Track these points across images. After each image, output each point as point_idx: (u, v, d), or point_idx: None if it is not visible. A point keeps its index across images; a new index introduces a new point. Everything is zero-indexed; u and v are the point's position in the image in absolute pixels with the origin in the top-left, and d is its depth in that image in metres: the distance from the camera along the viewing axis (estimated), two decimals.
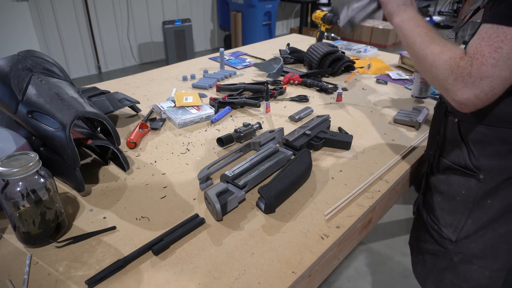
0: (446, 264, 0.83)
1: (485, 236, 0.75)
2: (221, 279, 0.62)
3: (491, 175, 0.71)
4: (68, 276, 0.63)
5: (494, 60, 0.57)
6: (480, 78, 0.58)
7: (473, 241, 0.77)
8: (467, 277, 0.79)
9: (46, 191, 0.67)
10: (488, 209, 0.73)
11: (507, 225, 0.73)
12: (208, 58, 1.90)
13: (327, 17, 1.86)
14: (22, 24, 3.71)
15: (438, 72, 0.65)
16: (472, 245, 0.77)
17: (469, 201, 0.76)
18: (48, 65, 0.90)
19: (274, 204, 0.77)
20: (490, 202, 0.73)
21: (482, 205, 0.74)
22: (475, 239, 0.76)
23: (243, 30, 5.06)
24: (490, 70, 0.57)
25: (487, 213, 0.74)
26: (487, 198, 0.73)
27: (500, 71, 0.57)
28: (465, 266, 0.79)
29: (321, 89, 1.45)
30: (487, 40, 0.58)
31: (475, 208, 0.75)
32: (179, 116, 1.17)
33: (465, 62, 0.60)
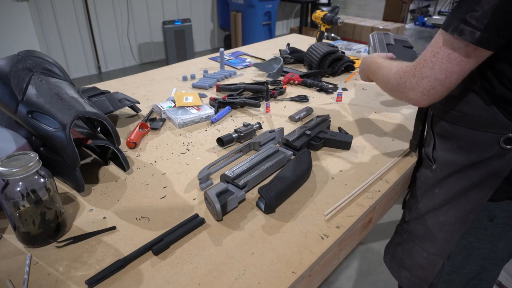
0: (398, 240, 0.93)
1: (428, 221, 0.82)
2: (221, 279, 0.62)
3: (442, 167, 0.78)
4: (68, 276, 0.63)
5: (431, 63, 0.65)
6: (421, 78, 0.67)
7: (418, 223, 0.85)
8: (409, 254, 0.87)
9: (46, 191, 0.67)
10: (434, 197, 0.80)
11: (445, 215, 0.78)
12: (208, 58, 1.90)
13: (327, 17, 1.86)
14: (22, 24, 3.71)
15: (390, 82, 0.77)
16: (417, 227, 0.85)
17: (423, 188, 0.85)
18: (48, 65, 0.90)
19: (274, 204, 0.77)
20: (437, 192, 0.79)
21: (431, 193, 0.81)
22: (420, 222, 0.84)
23: (243, 30, 5.06)
24: (428, 72, 0.65)
25: (433, 201, 0.80)
26: (436, 187, 0.80)
27: (435, 74, 0.64)
28: (409, 244, 0.88)
29: (321, 89, 1.45)
30: (432, 45, 0.66)
31: (426, 195, 0.83)
32: (179, 116, 1.17)
33: (411, 67, 0.69)
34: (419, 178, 0.89)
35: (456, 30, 0.60)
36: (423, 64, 0.66)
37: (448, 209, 0.77)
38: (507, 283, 1.51)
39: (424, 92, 0.67)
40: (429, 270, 0.83)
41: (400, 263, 0.91)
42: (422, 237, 0.83)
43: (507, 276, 1.50)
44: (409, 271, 0.88)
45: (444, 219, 0.78)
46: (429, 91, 0.67)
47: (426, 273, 0.85)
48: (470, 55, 0.61)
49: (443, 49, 0.63)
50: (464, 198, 0.74)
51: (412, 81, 0.68)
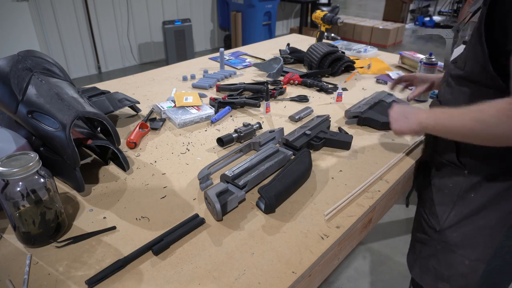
0: (431, 252, 0.88)
1: (465, 227, 0.79)
2: (221, 279, 0.62)
3: (475, 171, 0.76)
4: (68, 276, 0.63)
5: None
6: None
7: (454, 231, 0.81)
8: (448, 264, 0.84)
9: (46, 191, 0.67)
10: (470, 203, 0.78)
11: (485, 218, 0.76)
12: (208, 58, 1.90)
13: (327, 17, 1.86)
14: (22, 24, 3.71)
15: (497, 130, 0.63)
16: (454, 234, 0.82)
17: (454, 194, 0.81)
18: (48, 65, 0.90)
19: (274, 204, 0.77)
20: (473, 196, 0.77)
21: (465, 198, 0.78)
22: (457, 229, 0.81)
23: (243, 30, 5.06)
24: None
25: (469, 206, 0.78)
26: (471, 192, 0.77)
27: None
28: (447, 254, 0.84)
29: (321, 89, 1.45)
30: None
31: (459, 201, 0.80)
32: (179, 116, 1.17)
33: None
34: (446, 184, 0.84)
35: None
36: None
37: (487, 212, 0.75)
38: None
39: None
40: (471, 277, 0.80)
41: (437, 275, 0.86)
42: (462, 245, 0.80)
43: None
44: (448, 282, 0.84)
45: (484, 223, 0.76)
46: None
47: (468, 280, 0.81)
48: None
49: None
50: (503, 199, 0.73)
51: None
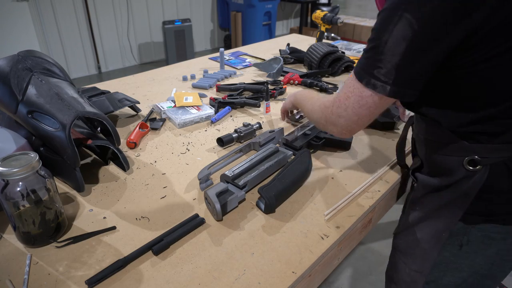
0: (390, 255, 0.93)
1: (407, 236, 0.82)
2: (221, 279, 0.62)
3: (420, 186, 0.79)
4: (68, 276, 0.63)
5: (344, 106, 0.69)
6: (338, 116, 0.72)
7: (400, 238, 0.85)
8: (395, 268, 0.88)
9: (46, 191, 0.67)
10: (414, 214, 0.80)
11: (421, 232, 0.79)
12: (208, 58, 1.90)
13: (327, 17, 1.86)
14: (22, 24, 3.71)
15: (315, 116, 0.81)
16: (400, 241, 0.85)
17: (408, 203, 0.86)
18: (48, 65, 0.90)
19: (274, 204, 0.77)
20: (417, 209, 0.80)
21: (413, 209, 0.81)
22: (402, 236, 0.84)
23: (243, 30, 5.06)
24: (343, 113, 0.70)
25: (413, 217, 0.81)
26: (416, 204, 0.80)
27: (349, 115, 0.69)
28: (395, 258, 0.88)
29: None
30: (345, 87, 0.70)
31: (408, 210, 0.83)
32: (179, 116, 1.17)
33: (330, 103, 0.74)
34: (409, 194, 0.90)
35: (369, 84, 0.64)
36: (338, 104, 0.71)
37: (424, 226, 0.78)
38: (507, 283, 1.51)
39: (343, 128, 0.73)
40: (413, 286, 0.83)
41: (390, 276, 0.91)
42: (405, 252, 0.83)
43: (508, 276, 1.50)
44: (396, 286, 0.88)
45: (420, 236, 0.79)
46: (346, 128, 0.72)
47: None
48: (381, 103, 0.66)
49: (354, 95, 0.67)
50: (436, 216, 0.75)
51: (332, 118, 0.73)
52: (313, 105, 0.85)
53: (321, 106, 0.79)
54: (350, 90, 0.68)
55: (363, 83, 0.65)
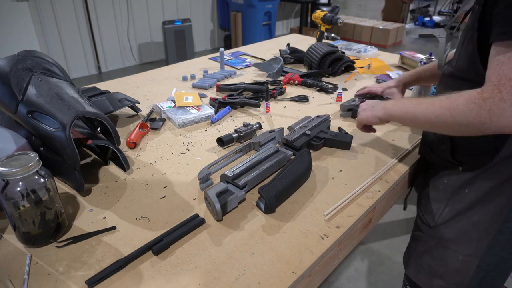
0: (425, 248, 0.88)
1: (459, 222, 0.80)
2: (221, 279, 0.62)
3: (469, 167, 0.76)
4: (68, 276, 0.63)
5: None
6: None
7: (448, 227, 0.82)
8: (442, 260, 0.84)
9: (46, 191, 0.67)
10: (464, 198, 0.78)
11: (479, 213, 0.77)
12: (208, 58, 1.90)
13: (327, 17, 1.86)
14: (22, 24, 3.71)
15: (463, 117, 0.64)
16: (448, 230, 0.82)
17: (449, 190, 0.82)
18: (48, 65, 0.90)
19: (274, 204, 0.77)
20: (467, 192, 0.78)
21: (460, 194, 0.79)
22: (451, 224, 0.81)
23: (243, 30, 5.06)
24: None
25: (463, 201, 0.78)
26: (465, 188, 0.78)
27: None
28: (441, 250, 0.84)
29: (321, 89, 1.45)
30: (508, 63, 0.57)
31: (454, 196, 0.80)
32: (179, 116, 1.17)
33: (491, 92, 0.59)
34: (441, 181, 0.85)
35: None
36: (510, 84, 0.57)
37: (482, 207, 0.76)
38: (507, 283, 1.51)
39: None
40: (465, 272, 0.81)
41: (431, 272, 0.86)
42: (456, 240, 0.81)
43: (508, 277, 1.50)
44: (442, 279, 0.84)
45: (478, 218, 0.76)
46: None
47: (462, 276, 0.82)
48: None
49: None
50: (497, 193, 0.73)
51: (505, 106, 0.58)
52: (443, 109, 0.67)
53: (472, 101, 0.62)
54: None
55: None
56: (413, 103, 0.76)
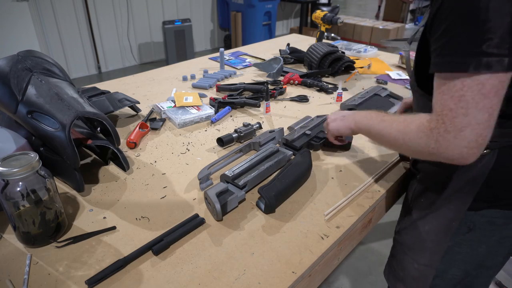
0: (393, 252, 0.91)
1: (415, 230, 0.81)
2: (221, 279, 0.62)
3: (426, 177, 0.77)
4: (68, 276, 0.63)
5: (463, 109, 0.55)
6: (459, 130, 0.56)
7: (407, 233, 0.84)
8: (402, 266, 0.86)
9: (46, 191, 0.67)
10: (420, 207, 0.79)
11: (430, 224, 0.77)
12: (208, 58, 1.90)
13: (327, 17, 1.86)
14: (22, 24, 3.71)
15: (414, 144, 0.63)
16: (406, 236, 0.84)
17: (410, 197, 0.84)
18: (48, 65, 0.90)
19: (274, 204, 0.77)
20: (422, 201, 0.79)
21: (418, 202, 0.80)
22: (408, 231, 0.83)
23: (243, 30, 5.05)
24: (465, 120, 0.55)
25: (418, 210, 0.80)
26: (421, 197, 0.79)
27: (475, 117, 0.54)
28: (401, 255, 0.86)
29: (321, 89, 1.45)
30: (447, 92, 0.57)
31: (412, 204, 0.82)
32: (179, 116, 1.17)
33: (436, 122, 0.58)
34: (409, 188, 0.87)
35: (481, 66, 0.52)
36: (451, 114, 0.56)
37: (432, 217, 0.77)
38: (507, 283, 1.51)
39: (471, 145, 0.56)
40: (423, 281, 0.82)
41: (395, 275, 0.89)
42: (412, 247, 0.82)
43: (507, 276, 1.50)
44: (403, 283, 0.86)
45: (429, 228, 0.77)
46: (476, 140, 0.55)
47: (419, 285, 0.83)
48: (503, 81, 0.54)
49: (468, 90, 0.54)
50: (445, 205, 0.74)
51: (449, 138, 0.57)
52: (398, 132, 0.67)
53: (421, 129, 0.61)
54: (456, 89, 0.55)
55: (469, 70, 0.53)
56: (378, 118, 0.74)
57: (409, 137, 0.64)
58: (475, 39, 0.53)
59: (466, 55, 0.53)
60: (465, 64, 0.53)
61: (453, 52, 0.55)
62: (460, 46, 0.54)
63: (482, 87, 0.53)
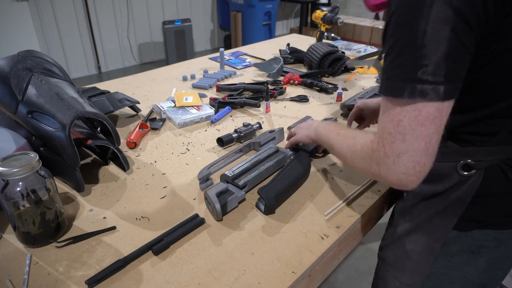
0: (377, 267, 0.88)
1: (397, 249, 0.78)
2: (221, 279, 0.62)
3: (410, 195, 0.74)
4: (68, 276, 0.63)
5: (400, 135, 0.53)
6: (397, 156, 0.53)
7: (389, 250, 0.81)
8: (385, 283, 0.83)
9: (46, 191, 0.67)
10: (404, 225, 0.76)
11: (412, 243, 0.75)
12: (208, 58, 1.90)
13: (327, 17, 1.86)
14: (22, 24, 3.71)
15: (359, 164, 0.62)
16: (389, 253, 0.81)
17: (396, 213, 0.80)
18: (48, 65, 0.90)
19: (274, 205, 0.77)
20: (407, 219, 0.76)
21: (402, 220, 0.77)
22: (391, 248, 0.80)
23: (243, 30, 5.05)
24: (403, 146, 0.53)
25: (402, 228, 0.76)
26: (406, 215, 0.76)
27: (412, 144, 0.52)
28: (384, 272, 0.83)
29: (321, 89, 1.45)
30: (387, 115, 0.55)
31: (397, 221, 0.78)
32: (179, 116, 1.17)
33: (377, 144, 0.56)
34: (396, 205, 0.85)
35: (415, 93, 0.51)
36: (390, 138, 0.54)
37: (415, 237, 0.74)
38: (507, 283, 1.51)
39: (409, 172, 0.54)
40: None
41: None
42: (394, 265, 0.80)
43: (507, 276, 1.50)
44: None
45: (412, 247, 0.75)
46: (414, 168, 0.53)
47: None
48: (440, 110, 0.52)
49: (405, 115, 0.52)
50: (429, 226, 0.72)
51: (388, 162, 0.55)
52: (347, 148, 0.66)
53: (364, 150, 0.60)
54: (394, 113, 0.53)
55: (404, 97, 0.51)
56: (335, 131, 0.74)
57: (355, 155, 0.63)
58: (411, 65, 0.51)
59: (402, 80, 0.52)
60: (401, 90, 0.52)
61: (392, 76, 0.53)
62: (398, 70, 0.52)
63: (418, 114, 0.51)
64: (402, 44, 0.52)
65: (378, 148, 0.56)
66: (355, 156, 0.63)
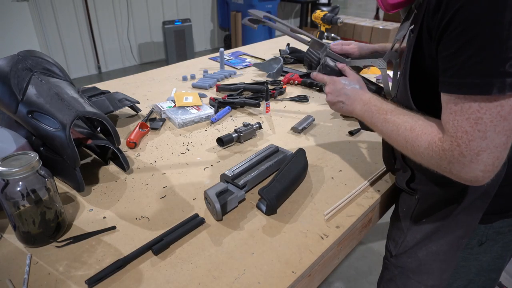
0: (390, 276, 0.86)
1: (419, 253, 0.76)
2: (221, 279, 0.62)
3: (426, 197, 0.72)
4: (68, 276, 0.63)
5: (480, 132, 0.51)
6: (476, 154, 0.52)
7: (409, 256, 0.78)
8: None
9: (46, 191, 0.67)
10: (422, 227, 0.75)
11: (437, 244, 0.74)
12: (208, 58, 1.90)
13: (327, 17, 1.86)
14: (22, 24, 3.71)
15: (425, 160, 0.60)
16: (409, 260, 0.79)
17: (408, 218, 0.78)
18: (48, 65, 0.90)
19: (275, 205, 0.77)
20: (424, 221, 0.74)
21: (418, 223, 0.75)
22: (411, 254, 0.78)
23: (243, 30, 5.05)
24: (483, 144, 0.52)
25: (421, 231, 0.75)
26: (422, 217, 0.74)
27: (494, 141, 0.51)
28: (404, 280, 0.81)
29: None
30: (461, 114, 0.53)
31: (412, 226, 0.77)
32: (179, 116, 1.17)
33: (450, 144, 0.55)
34: (401, 207, 0.82)
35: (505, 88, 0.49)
36: (466, 137, 0.52)
37: (439, 237, 0.73)
38: (507, 283, 1.51)
39: (487, 168, 0.53)
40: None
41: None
42: (417, 271, 0.78)
43: (507, 276, 1.50)
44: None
45: (437, 248, 0.74)
46: (493, 164, 0.53)
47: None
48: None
49: (486, 112, 0.51)
50: (453, 223, 0.70)
51: (464, 161, 0.54)
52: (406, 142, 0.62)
53: (432, 148, 0.58)
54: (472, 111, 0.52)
55: (493, 93, 0.49)
56: (381, 117, 0.69)
57: (419, 151, 0.60)
58: (497, 58, 0.48)
59: (488, 76, 0.49)
60: (489, 86, 0.49)
61: (472, 72, 0.51)
62: (481, 65, 0.50)
63: (501, 109, 0.50)
64: (483, 38, 0.49)
65: (451, 148, 0.54)
66: (419, 152, 0.60)
